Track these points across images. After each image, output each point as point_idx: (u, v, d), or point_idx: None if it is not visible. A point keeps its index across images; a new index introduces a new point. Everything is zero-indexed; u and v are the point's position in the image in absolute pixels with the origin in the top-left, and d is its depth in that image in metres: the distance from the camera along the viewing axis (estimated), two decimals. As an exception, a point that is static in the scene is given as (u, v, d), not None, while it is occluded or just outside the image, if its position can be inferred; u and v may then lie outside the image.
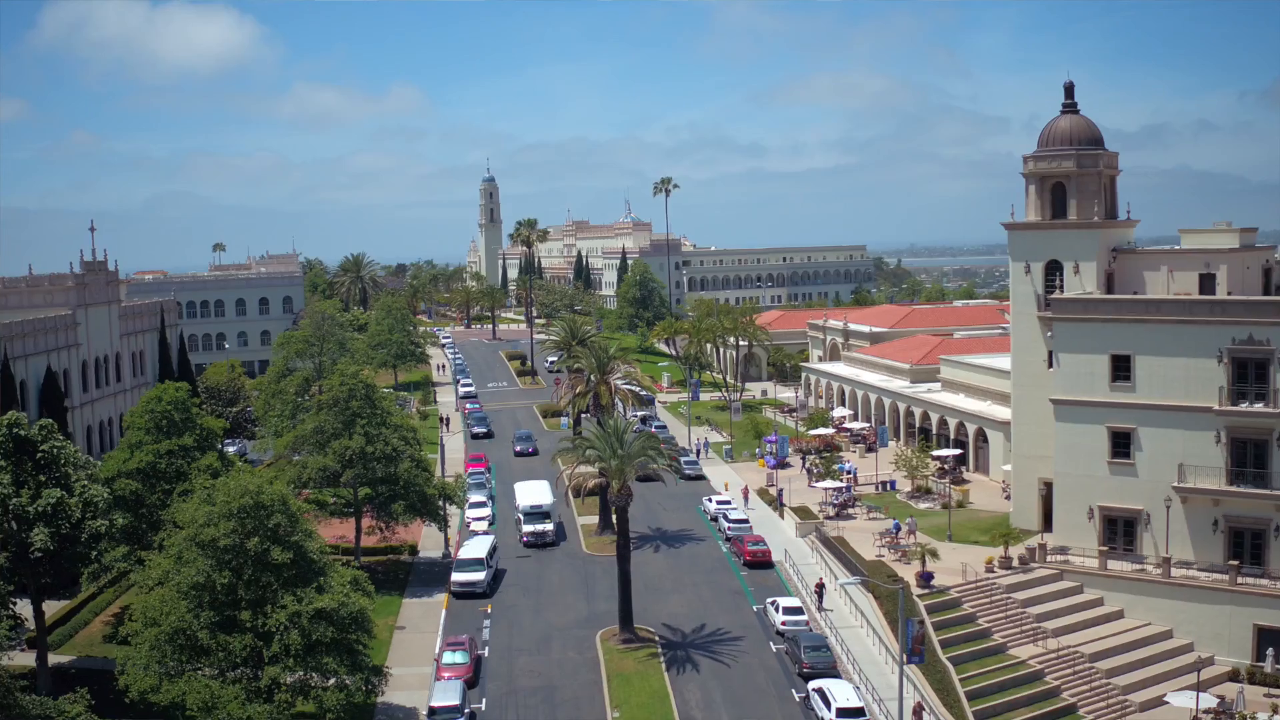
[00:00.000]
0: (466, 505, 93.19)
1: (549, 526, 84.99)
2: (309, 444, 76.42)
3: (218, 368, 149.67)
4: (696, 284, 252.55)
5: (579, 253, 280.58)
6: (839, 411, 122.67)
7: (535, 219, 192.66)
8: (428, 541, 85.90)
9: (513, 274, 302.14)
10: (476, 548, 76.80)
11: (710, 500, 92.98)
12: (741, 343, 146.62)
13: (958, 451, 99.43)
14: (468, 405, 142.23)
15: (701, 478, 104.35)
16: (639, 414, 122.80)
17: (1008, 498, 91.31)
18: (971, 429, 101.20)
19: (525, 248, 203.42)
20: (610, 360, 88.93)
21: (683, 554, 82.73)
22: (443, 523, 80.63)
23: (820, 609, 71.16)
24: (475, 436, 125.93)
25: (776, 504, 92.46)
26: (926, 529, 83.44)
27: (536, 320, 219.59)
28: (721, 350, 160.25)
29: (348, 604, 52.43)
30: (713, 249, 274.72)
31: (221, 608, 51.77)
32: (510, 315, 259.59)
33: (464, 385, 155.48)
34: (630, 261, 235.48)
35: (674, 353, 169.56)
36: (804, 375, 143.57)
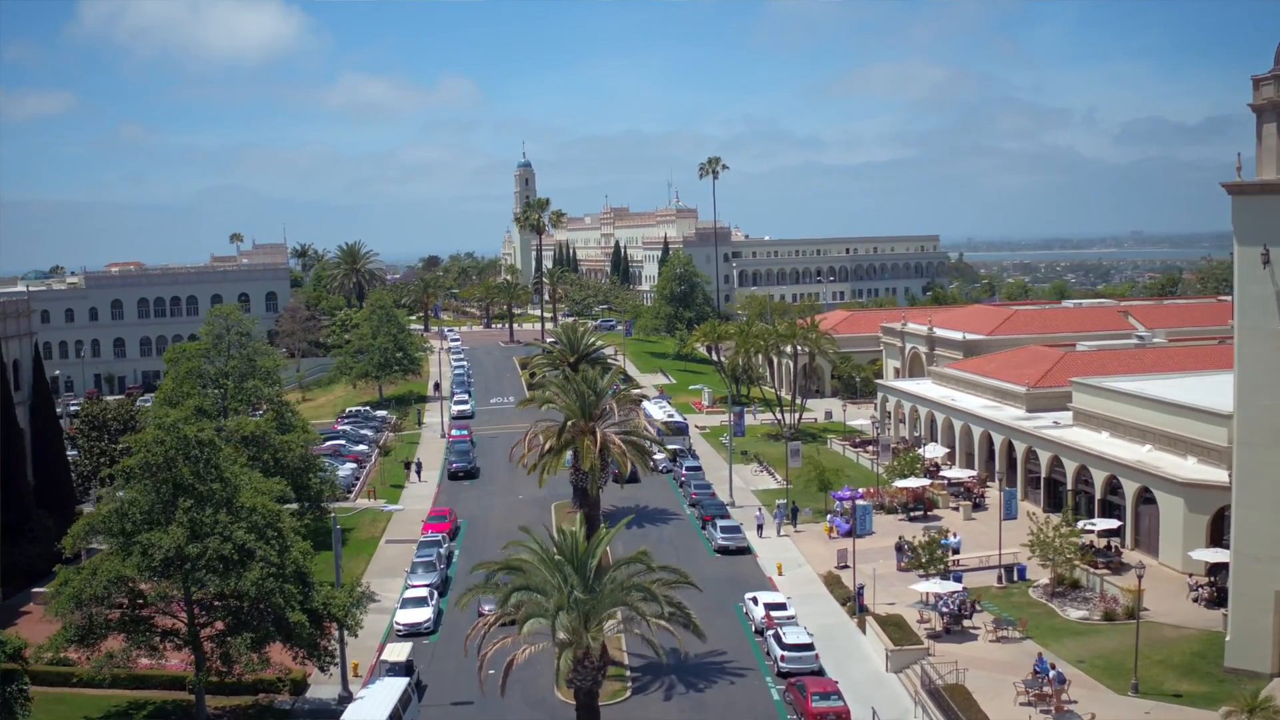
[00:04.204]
0: (400, 597, 64.54)
1: None
2: (110, 535, 47.86)
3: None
4: (748, 278, 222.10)
5: (616, 243, 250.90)
6: (932, 451, 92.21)
7: (548, 199, 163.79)
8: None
9: (549, 266, 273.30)
10: (373, 704, 47.31)
11: (756, 602, 61.81)
12: (801, 350, 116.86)
13: (1116, 524, 69.33)
14: (454, 431, 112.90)
15: (745, 551, 74.60)
16: (669, 446, 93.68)
17: (1196, 600, 61.65)
18: (1130, 487, 71.09)
19: (536, 234, 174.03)
20: (600, 400, 59.10)
21: (709, 705, 52.53)
22: (326, 660, 51.08)
23: None
24: (453, 476, 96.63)
25: (854, 607, 62.34)
26: (1089, 661, 53.94)
27: (566, 319, 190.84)
28: (776, 360, 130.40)
29: None
30: (766, 239, 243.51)
31: None
32: (539, 314, 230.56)
33: (459, 403, 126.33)
34: (673, 252, 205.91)
35: (717, 360, 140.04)
36: (880, 395, 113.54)
